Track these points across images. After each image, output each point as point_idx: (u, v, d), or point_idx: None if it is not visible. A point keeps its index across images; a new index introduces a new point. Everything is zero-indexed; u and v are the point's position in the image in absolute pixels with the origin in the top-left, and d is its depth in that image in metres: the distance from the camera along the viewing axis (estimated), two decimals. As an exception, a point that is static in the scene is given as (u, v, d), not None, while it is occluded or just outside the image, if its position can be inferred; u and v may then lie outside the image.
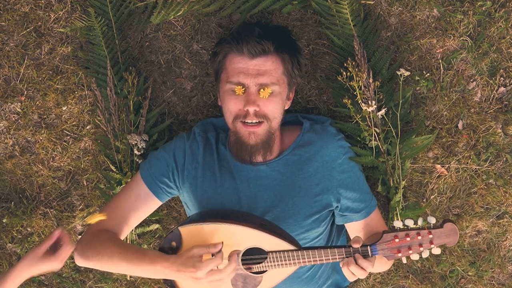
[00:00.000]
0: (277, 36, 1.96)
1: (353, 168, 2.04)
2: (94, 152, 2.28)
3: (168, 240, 1.91)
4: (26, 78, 2.23)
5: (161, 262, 1.84)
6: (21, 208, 2.34)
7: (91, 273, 2.39)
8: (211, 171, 2.03)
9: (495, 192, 2.21)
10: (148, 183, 2.04)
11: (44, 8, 2.18)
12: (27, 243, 2.37)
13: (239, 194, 2.01)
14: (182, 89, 2.21)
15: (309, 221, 2.01)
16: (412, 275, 2.31)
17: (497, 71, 2.13)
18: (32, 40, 2.21)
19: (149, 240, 2.32)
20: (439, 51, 2.12)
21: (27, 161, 2.30)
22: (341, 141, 2.05)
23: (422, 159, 2.20)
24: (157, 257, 1.86)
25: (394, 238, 1.81)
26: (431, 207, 2.23)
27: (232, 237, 1.85)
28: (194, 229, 1.88)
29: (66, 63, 2.21)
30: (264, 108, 1.92)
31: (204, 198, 2.03)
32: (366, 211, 2.04)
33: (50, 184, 2.31)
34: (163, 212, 2.30)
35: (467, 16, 2.10)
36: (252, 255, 1.88)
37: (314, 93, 2.18)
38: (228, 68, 1.95)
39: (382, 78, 2.10)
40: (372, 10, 2.10)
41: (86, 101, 2.24)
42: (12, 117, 2.27)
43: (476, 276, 2.28)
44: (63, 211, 2.34)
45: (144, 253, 1.89)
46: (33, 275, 1.82)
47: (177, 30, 2.17)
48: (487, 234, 2.25)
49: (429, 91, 2.14)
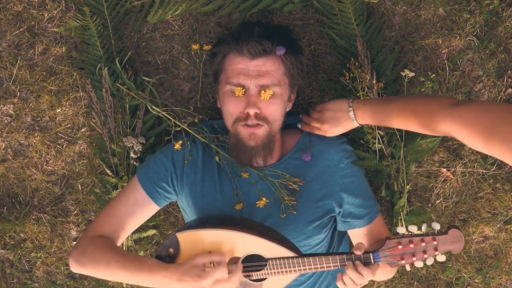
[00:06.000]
0: (278, 36, 1.95)
1: (356, 173, 2.03)
2: (89, 156, 2.28)
3: (165, 247, 1.90)
4: (19, 79, 2.23)
5: (160, 271, 1.83)
6: (14, 213, 2.34)
7: (86, 280, 2.40)
8: (211, 175, 2.02)
9: (502, 197, 2.21)
10: (146, 188, 2.02)
11: (38, 7, 2.18)
12: (20, 249, 2.38)
13: (239, 199, 1.99)
14: (180, 91, 2.21)
15: (311, 228, 2.00)
16: (417, 283, 2.32)
17: (504, 72, 2.13)
18: (25, 40, 2.21)
19: (146, 246, 2.33)
20: (444, 52, 2.12)
21: (20, 165, 2.30)
22: (344, 145, 2.05)
23: (427, 163, 2.19)
24: (156, 266, 1.85)
25: (397, 245, 1.81)
26: (437, 212, 2.23)
27: (231, 243, 1.85)
28: (192, 236, 1.87)
29: (60, 64, 2.21)
30: (265, 111, 1.91)
31: (203, 203, 2.02)
32: (369, 217, 2.04)
33: (43, 189, 2.31)
34: (160, 217, 2.30)
35: (473, 15, 2.09)
36: (252, 262, 1.88)
37: (316, 94, 2.18)
38: (228, 69, 1.94)
39: (386, 79, 2.10)
40: (375, 9, 2.10)
41: (81, 103, 2.24)
42: (5, 119, 2.27)
43: (483, 283, 2.29)
44: (57, 216, 2.34)
45: (143, 262, 1.88)
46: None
47: (175, 30, 2.17)
48: (494, 240, 2.26)
49: (435, 92, 2.14)
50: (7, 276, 2.42)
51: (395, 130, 2.08)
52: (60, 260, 2.37)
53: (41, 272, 2.40)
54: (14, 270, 2.41)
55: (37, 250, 2.37)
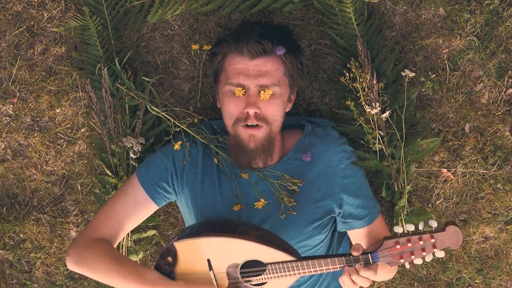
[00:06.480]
0: (278, 36, 1.94)
1: (356, 173, 2.03)
2: (89, 156, 2.27)
3: (163, 256, 1.90)
4: (18, 80, 2.23)
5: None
6: (14, 213, 2.34)
7: (86, 281, 2.40)
8: (210, 176, 2.02)
9: (503, 197, 2.21)
10: (146, 188, 2.02)
11: (37, 7, 2.18)
12: (20, 249, 2.38)
13: (238, 200, 1.99)
14: (179, 91, 2.20)
15: (310, 228, 1.99)
16: (417, 283, 2.31)
17: (505, 72, 2.13)
18: (25, 40, 2.20)
19: (146, 247, 2.32)
20: (445, 52, 2.11)
21: (20, 165, 2.30)
22: (344, 145, 2.04)
23: (428, 163, 2.19)
24: (157, 282, 1.86)
25: (395, 245, 1.80)
26: (437, 212, 2.22)
27: (229, 250, 1.85)
28: (189, 244, 1.87)
29: (60, 64, 2.21)
30: (265, 111, 1.91)
31: (203, 204, 2.01)
32: (369, 218, 2.03)
33: (43, 189, 2.31)
34: (160, 218, 2.30)
35: (474, 15, 2.09)
36: (251, 267, 1.87)
37: (316, 94, 2.17)
38: (228, 69, 1.94)
39: (386, 79, 2.09)
40: (376, 9, 2.10)
41: (80, 103, 2.23)
42: (4, 119, 2.27)
43: (483, 284, 2.28)
44: (56, 216, 2.34)
45: (143, 275, 1.89)
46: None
47: (175, 30, 2.16)
48: (495, 241, 2.25)
49: (435, 92, 2.14)
50: (7, 277, 2.41)
51: (395, 130, 2.08)
52: (59, 261, 2.36)
53: (40, 272, 2.39)
54: (13, 270, 2.40)
55: (36, 251, 2.37)
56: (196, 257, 1.85)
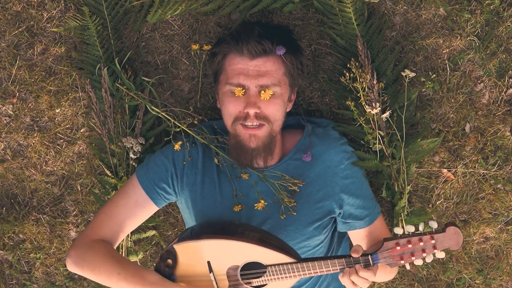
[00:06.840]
0: (278, 36, 1.94)
1: (357, 174, 2.02)
2: (89, 156, 2.27)
3: (163, 258, 1.90)
4: (18, 80, 2.23)
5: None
6: (13, 213, 2.34)
7: (85, 282, 2.40)
8: (210, 177, 2.02)
9: (504, 198, 2.20)
10: (146, 189, 2.01)
11: (37, 7, 2.17)
12: (19, 250, 2.38)
13: (238, 201, 1.98)
14: (179, 91, 2.20)
15: (311, 229, 1.99)
16: (417, 283, 2.31)
17: (505, 72, 2.12)
18: (24, 40, 2.20)
19: (146, 247, 2.32)
20: (445, 52, 2.11)
21: (19, 165, 2.30)
22: (344, 146, 2.04)
23: (428, 163, 2.19)
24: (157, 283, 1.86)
25: (395, 246, 1.80)
26: (437, 212, 2.22)
27: (229, 252, 1.85)
28: (189, 246, 1.87)
29: (60, 64, 2.20)
30: (265, 110, 1.90)
31: (203, 205, 2.01)
32: (370, 218, 2.03)
33: (43, 189, 2.31)
34: (160, 218, 2.30)
35: (474, 15, 2.08)
36: (251, 269, 1.87)
37: (316, 95, 2.17)
38: (228, 69, 1.93)
39: (386, 80, 2.09)
40: (376, 9, 2.10)
41: (80, 103, 2.23)
42: (4, 119, 2.27)
43: (484, 284, 2.28)
44: (56, 217, 2.34)
45: (144, 277, 1.88)
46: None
47: (175, 30, 2.16)
48: (495, 241, 2.25)
49: (435, 92, 2.14)
50: (6, 277, 2.41)
51: (395, 131, 2.07)
52: (59, 261, 2.36)
53: (40, 273, 2.39)
54: (13, 271, 2.40)
55: (36, 251, 2.36)
56: (196, 259, 1.85)
